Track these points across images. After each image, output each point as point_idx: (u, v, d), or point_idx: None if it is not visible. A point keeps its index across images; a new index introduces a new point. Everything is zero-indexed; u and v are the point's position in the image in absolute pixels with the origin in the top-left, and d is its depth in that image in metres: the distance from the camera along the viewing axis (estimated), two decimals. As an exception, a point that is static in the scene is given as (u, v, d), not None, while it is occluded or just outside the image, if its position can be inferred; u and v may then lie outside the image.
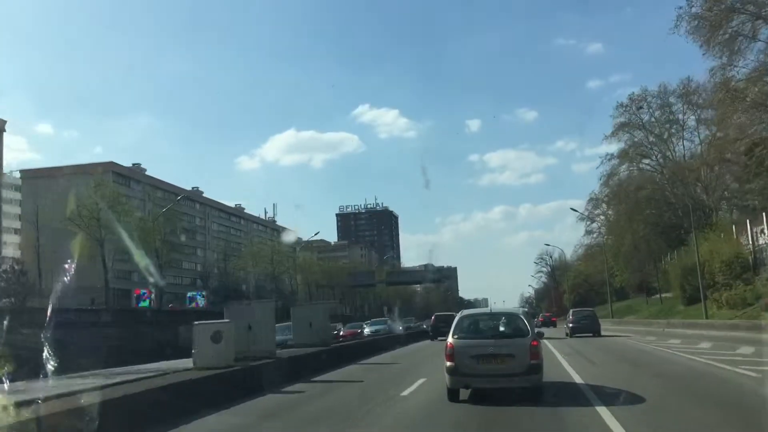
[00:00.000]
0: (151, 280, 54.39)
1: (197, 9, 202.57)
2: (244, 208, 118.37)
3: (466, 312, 11.67)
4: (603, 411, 8.78)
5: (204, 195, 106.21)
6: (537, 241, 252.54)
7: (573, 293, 75.38)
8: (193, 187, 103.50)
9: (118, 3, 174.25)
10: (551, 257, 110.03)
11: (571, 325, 32.83)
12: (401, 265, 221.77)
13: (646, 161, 53.19)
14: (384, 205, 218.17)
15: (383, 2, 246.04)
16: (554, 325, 57.10)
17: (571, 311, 36.92)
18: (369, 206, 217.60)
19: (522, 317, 10.94)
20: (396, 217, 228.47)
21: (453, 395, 10.27)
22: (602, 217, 73.75)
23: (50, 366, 10.28)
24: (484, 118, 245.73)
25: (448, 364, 10.12)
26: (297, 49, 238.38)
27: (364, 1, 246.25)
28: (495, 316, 11.38)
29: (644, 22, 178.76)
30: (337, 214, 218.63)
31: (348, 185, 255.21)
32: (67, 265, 38.49)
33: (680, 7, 33.44)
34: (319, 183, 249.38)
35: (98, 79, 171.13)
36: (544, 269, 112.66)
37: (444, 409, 9.85)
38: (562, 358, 18.18)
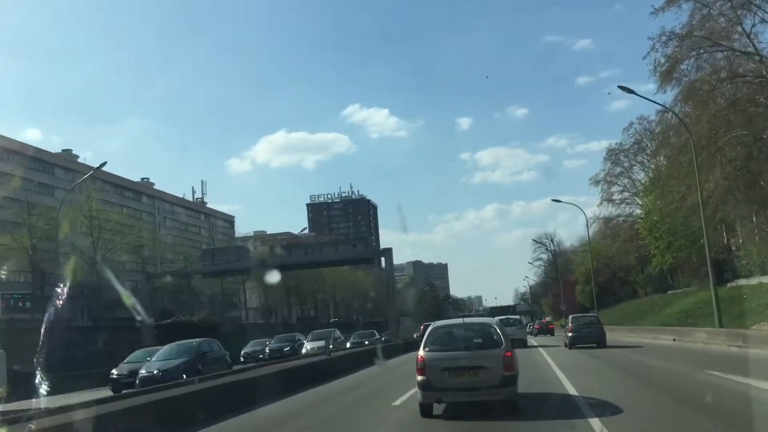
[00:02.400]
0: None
1: (187, 11, 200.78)
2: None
3: (437, 323, 11.42)
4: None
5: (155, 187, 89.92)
6: (530, 238, 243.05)
7: (588, 283, 54.81)
8: (142, 178, 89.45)
9: (107, 6, 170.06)
10: (552, 241, 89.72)
11: (570, 334, 27.08)
12: (381, 260, 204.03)
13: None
14: (360, 194, 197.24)
15: (372, 2, 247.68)
16: (552, 332, 51.69)
17: (570, 318, 30.10)
18: (344, 195, 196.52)
19: (495, 327, 10.47)
20: (375, 207, 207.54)
21: (426, 410, 10.00)
22: (627, 180, 53.40)
23: None
24: (474, 116, 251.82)
25: (419, 378, 9.80)
26: (286, 50, 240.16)
27: (352, 1, 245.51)
28: (467, 327, 11.10)
29: (633, 18, 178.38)
30: (307, 204, 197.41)
31: (338, 185, 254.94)
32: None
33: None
34: (310, 184, 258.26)
35: (87, 83, 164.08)
36: (544, 255, 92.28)
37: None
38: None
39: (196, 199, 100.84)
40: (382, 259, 62.83)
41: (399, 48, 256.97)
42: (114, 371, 22.35)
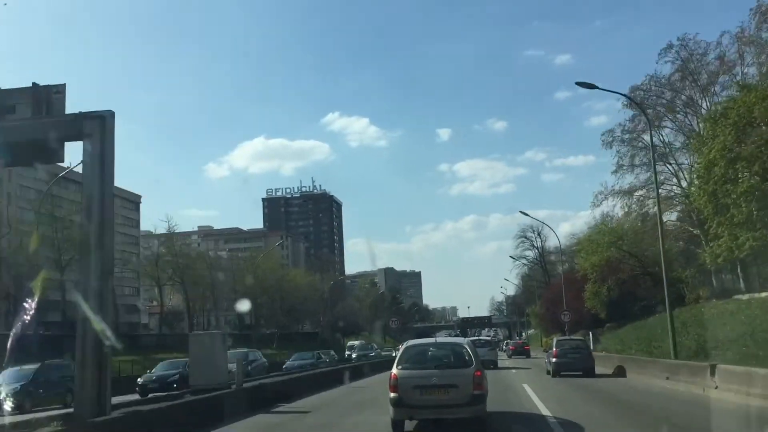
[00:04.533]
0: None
1: (170, 15, 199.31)
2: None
3: (411, 342, 11.74)
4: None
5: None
6: (507, 251, 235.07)
7: (605, 282, 36.19)
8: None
9: (87, 8, 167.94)
10: (539, 234, 71.88)
11: (554, 359, 24.01)
12: (344, 264, 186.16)
13: None
14: (322, 189, 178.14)
15: (354, 10, 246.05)
16: (527, 354, 47.17)
17: (555, 341, 26.59)
18: (304, 190, 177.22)
19: (466, 347, 10.80)
20: (339, 205, 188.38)
21: (397, 426, 10.20)
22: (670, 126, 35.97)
23: None
24: (454, 128, 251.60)
25: (392, 395, 10.07)
26: (266, 55, 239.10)
27: (335, 9, 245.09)
28: (440, 346, 11.39)
29: (613, 35, 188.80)
30: (263, 199, 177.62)
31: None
32: None
33: None
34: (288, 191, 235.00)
35: (60, 80, 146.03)
36: (530, 252, 74.30)
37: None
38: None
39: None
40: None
41: (380, 57, 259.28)
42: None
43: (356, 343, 49.79)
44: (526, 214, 55.75)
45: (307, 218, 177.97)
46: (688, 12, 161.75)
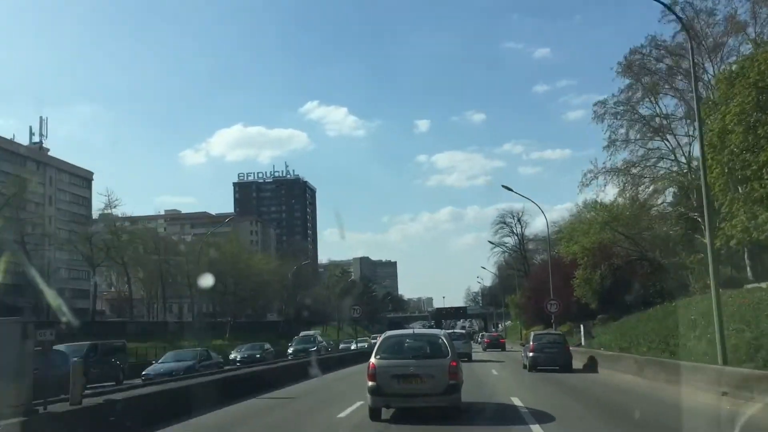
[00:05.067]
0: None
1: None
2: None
3: (389, 333, 12.29)
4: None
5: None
6: (484, 243, 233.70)
7: (596, 269, 31.70)
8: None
9: None
10: (519, 220, 67.71)
11: (531, 354, 23.61)
12: (318, 251, 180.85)
13: None
14: (296, 174, 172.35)
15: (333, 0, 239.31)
16: (503, 347, 46.43)
17: (532, 335, 26.09)
18: (277, 175, 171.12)
19: (443, 338, 11.13)
20: (313, 191, 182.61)
21: (375, 414, 10.51)
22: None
23: None
24: (433, 119, 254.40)
25: (370, 384, 10.36)
26: (246, 43, 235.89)
27: None
28: (417, 337, 11.74)
29: (592, 30, 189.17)
30: (234, 183, 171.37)
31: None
32: None
33: None
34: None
35: (39, 67, 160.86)
36: (509, 239, 70.11)
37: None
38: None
39: (34, 143, 72.37)
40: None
41: (360, 47, 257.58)
42: None
43: (311, 333, 43.96)
44: (510, 189, 50.87)
45: (279, 204, 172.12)
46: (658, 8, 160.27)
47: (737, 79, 24.30)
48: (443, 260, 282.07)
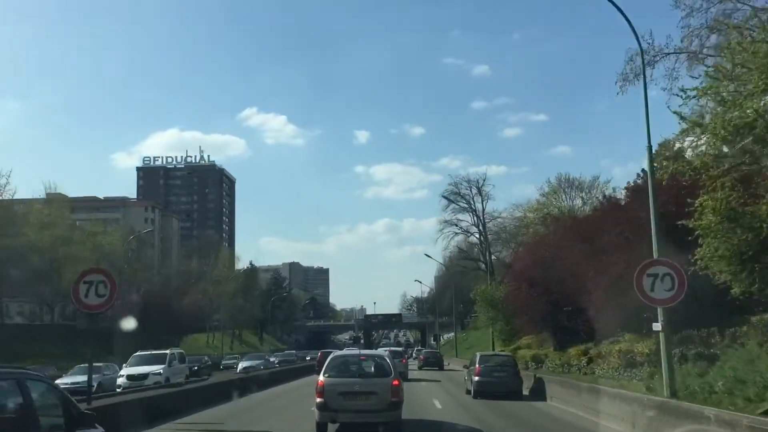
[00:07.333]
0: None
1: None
2: None
3: (337, 353, 15.08)
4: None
5: None
6: (419, 255, 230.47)
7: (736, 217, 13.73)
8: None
9: None
10: (479, 190, 52.14)
11: (477, 378, 21.22)
12: (235, 249, 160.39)
13: None
14: (212, 160, 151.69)
15: (275, 5, 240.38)
16: (440, 365, 43.97)
17: (477, 356, 22.90)
18: (189, 160, 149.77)
19: (387, 359, 12.54)
20: (231, 182, 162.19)
21: (321, 428, 11.61)
22: None
23: None
24: (372, 131, 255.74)
25: (318, 400, 11.49)
26: (183, 44, 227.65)
27: (257, 3, 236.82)
28: (363, 358, 13.22)
29: (531, 48, 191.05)
30: (138, 168, 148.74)
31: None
32: None
33: None
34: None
35: None
36: (465, 219, 54.11)
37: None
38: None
39: None
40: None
41: (300, 55, 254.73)
42: None
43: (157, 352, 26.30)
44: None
45: (191, 193, 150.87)
46: (600, 30, 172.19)
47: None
48: (379, 271, 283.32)
